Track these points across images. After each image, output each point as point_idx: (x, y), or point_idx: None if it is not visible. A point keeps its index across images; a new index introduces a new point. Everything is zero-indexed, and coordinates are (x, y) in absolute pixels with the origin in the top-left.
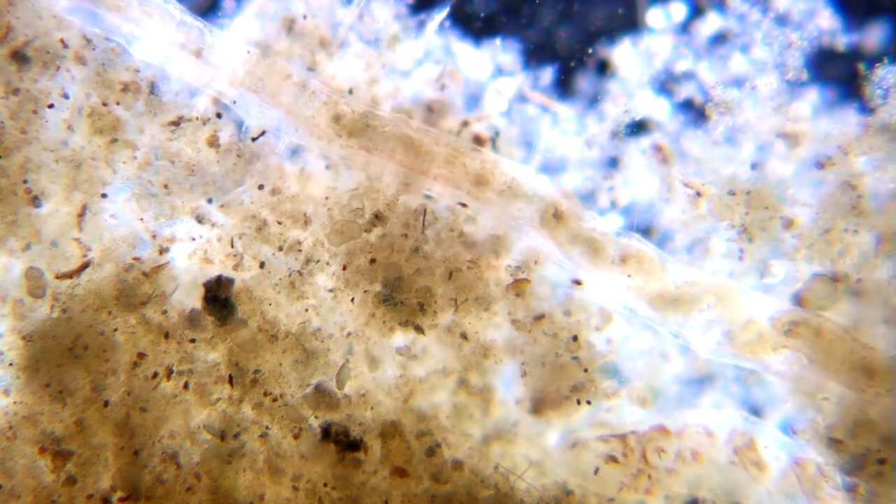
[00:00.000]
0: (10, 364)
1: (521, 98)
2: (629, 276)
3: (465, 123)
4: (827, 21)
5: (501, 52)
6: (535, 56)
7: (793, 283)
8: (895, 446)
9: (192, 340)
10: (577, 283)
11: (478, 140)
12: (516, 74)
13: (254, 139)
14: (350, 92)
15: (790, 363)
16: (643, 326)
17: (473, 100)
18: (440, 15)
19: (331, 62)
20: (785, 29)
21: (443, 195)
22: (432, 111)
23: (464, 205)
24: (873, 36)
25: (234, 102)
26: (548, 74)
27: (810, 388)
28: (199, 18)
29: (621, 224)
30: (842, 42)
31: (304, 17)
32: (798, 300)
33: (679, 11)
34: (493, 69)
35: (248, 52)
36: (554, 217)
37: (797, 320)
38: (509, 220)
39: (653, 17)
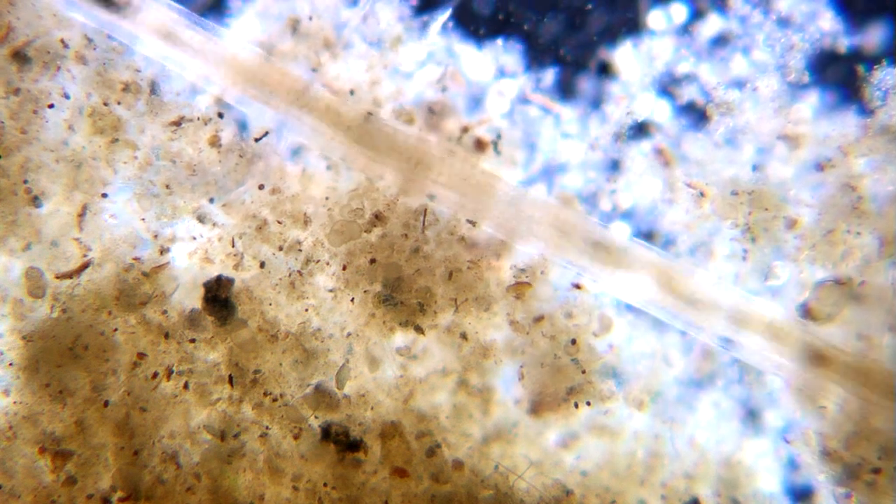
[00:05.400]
0: (10, 364)
1: (523, 100)
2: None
3: (466, 129)
4: (829, 23)
5: (503, 54)
6: (537, 57)
7: (796, 288)
8: (893, 456)
9: (192, 340)
10: (578, 286)
11: (479, 144)
12: (518, 76)
13: (256, 139)
14: (352, 93)
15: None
16: (646, 329)
17: (475, 101)
18: (443, 16)
19: (334, 63)
20: (787, 31)
21: (449, 208)
22: (434, 113)
23: (472, 222)
24: (873, 37)
25: (235, 101)
26: (549, 76)
27: (812, 394)
28: (201, 17)
29: (629, 232)
30: (843, 44)
31: (310, 18)
32: (805, 311)
33: (680, 13)
34: (495, 71)
35: (251, 50)
36: (561, 230)
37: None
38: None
39: (654, 18)
